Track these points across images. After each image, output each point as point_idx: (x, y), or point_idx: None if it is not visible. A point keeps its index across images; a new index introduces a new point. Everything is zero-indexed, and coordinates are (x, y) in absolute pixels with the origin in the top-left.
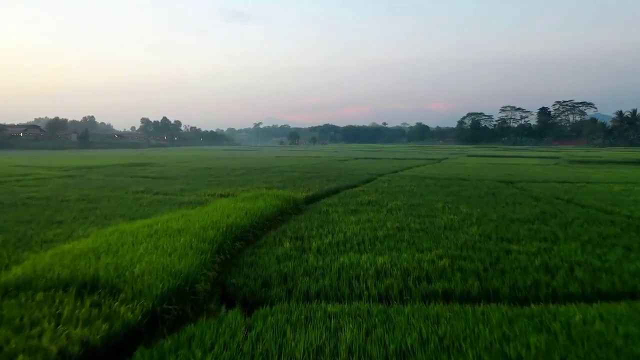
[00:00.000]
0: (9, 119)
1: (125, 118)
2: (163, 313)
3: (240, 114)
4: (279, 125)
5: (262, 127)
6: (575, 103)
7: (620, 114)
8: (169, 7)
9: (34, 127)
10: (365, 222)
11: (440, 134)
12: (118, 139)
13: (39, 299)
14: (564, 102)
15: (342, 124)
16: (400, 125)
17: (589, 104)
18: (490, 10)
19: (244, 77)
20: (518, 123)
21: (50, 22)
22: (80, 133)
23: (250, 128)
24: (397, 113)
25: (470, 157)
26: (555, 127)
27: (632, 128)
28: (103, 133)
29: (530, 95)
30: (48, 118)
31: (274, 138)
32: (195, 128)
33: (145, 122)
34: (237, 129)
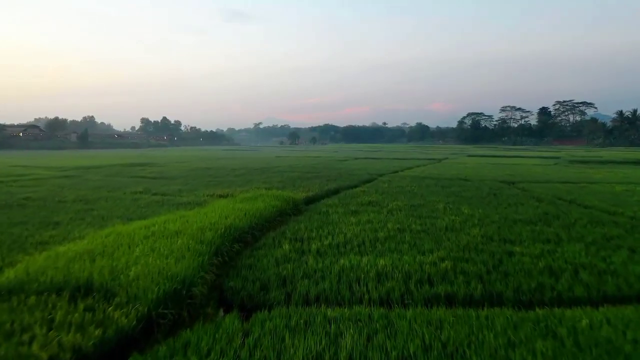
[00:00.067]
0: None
1: (125, 118)
2: (158, 318)
3: (240, 114)
4: (279, 125)
5: (262, 127)
6: (576, 103)
7: (621, 114)
8: (169, 7)
9: (34, 127)
10: (366, 223)
11: (440, 134)
12: (118, 139)
13: (32, 303)
14: (564, 102)
15: (342, 124)
16: (400, 125)
17: (589, 104)
18: (490, 10)
19: (244, 77)
20: (518, 123)
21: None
22: (80, 133)
23: (250, 128)
24: (397, 113)
25: (471, 157)
26: (556, 127)
27: (632, 128)
28: (103, 133)
29: (531, 95)
30: (48, 118)
31: (274, 138)
32: (195, 128)
33: (145, 122)
34: (237, 129)
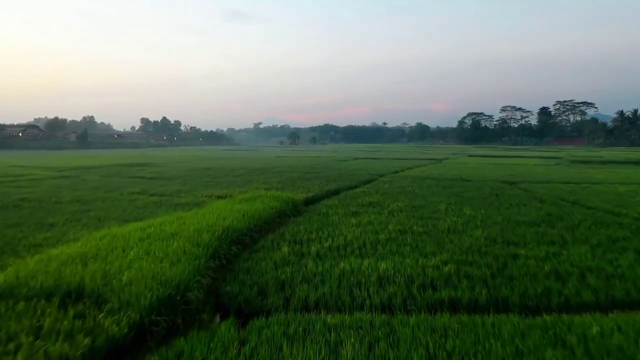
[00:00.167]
0: (9, 119)
1: (125, 118)
2: (151, 325)
3: (240, 114)
4: (279, 125)
5: (262, 127)
6: (576, 103)
7: (622, 114)
8: (169, 7)
9: (33, 127)
10: (367, 224)
11: (441, 134)
12: (117, 139)
13: (20, 310)
14: (565, 102)
15: (342, 124)
16: (400, 125)
17: (590, 104)
18: (490, 10)
19: (244, 77)
20: (518, 123)
21: (50, 22)
22: (79, 133)
23: (250, 128)
24: (397, 113)
25: (471, 157)
26: (556, 127)
27: (633, 128)
28: (102, 133)
29: (531, 95)
30: (48, 118)
31: (274, 138)
32: (195, 128)
33: (145, 122)
34: (237, 129)
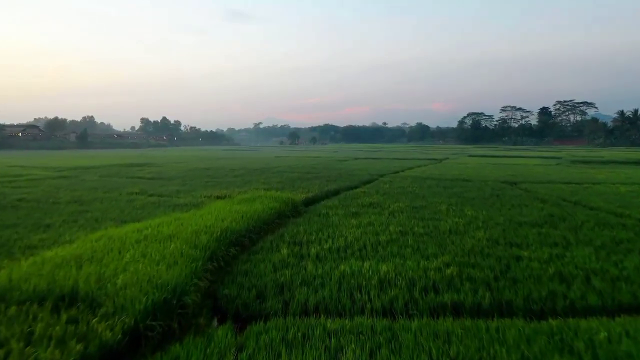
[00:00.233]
0: (9, 119)
1: (125, 118)
2: (146, 330)
3: (240, 114)
4: (279, 125)
5: (262, 127)
6: (576, 103)
7: (622, 114)
8: (169, 7)
9: (33, 127)
10: (367, 225)
11: (441, 134)
12: (117, 139)
13: (11, 314)
14: (565, 102)
15: (342, 124)
16: (400, 125)
17: (590, 104)
18: (490, 10)
19: (244, 77)
20: (519, 123)
21: (50, 22)
22: (79, 133)
23: (250, 128)
24: (397, 113)
25: (471, 157)
26: (556, 127)
27: (633, 128)
28: (102, 133)
29: (531, 95)
30: (47, 118)
31: (274, 138)
32: (195, 128)
33: (145, 122)
34: (237, 129)
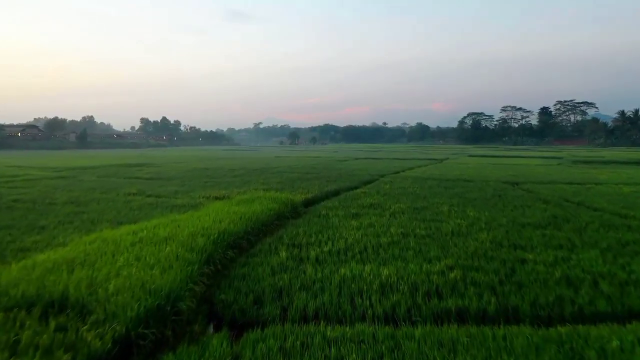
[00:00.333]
0: (9, 119)
1: (125, 118)
2: (138, 338)
3: (240, 114)
4: (279, 125)
5: (262, 127)
6: (577, 103)
7: (623, 114)
8: (169, 7)
9: (32, 127)
10: (368, 227)
11: (441, 134)
12: (117, 139)
13: None
14: (565, 101)
15: (342, 124)
16: (401, 125)
17: (590, 104)
18: (490, 10)
19: (244, 77)
20: (519, 123)
21: (50, 22)
22: (79, 133)
23: (250, 128)
24: (397, 113)
25: (472, 157)
26: (557, 127)
27: (634, 128)
28: (102, 133)
29: (531, 95)
30: (47, 118)
31: (274, 138)
32: (195, 128)
33: (145, 122)
34: (237, 129)
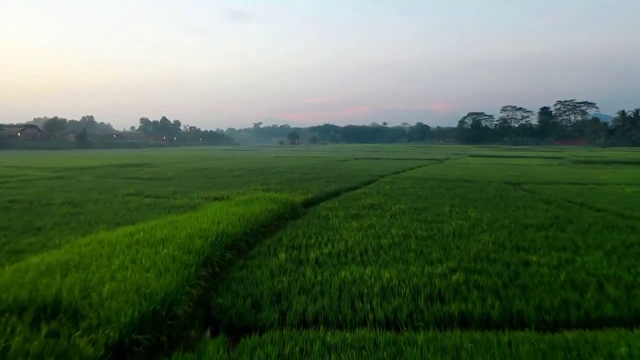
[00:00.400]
0: (9, 119)
1: (125, 118)
2: (132, 345)
3: (240, 114)
4: (279, 125)
5: (262, 127)
6: (577, 103)
7: (623, 114)
8: (169, 7)
9: (32, 127)
10: (368, 228)
11: (441, 134)
12: (117, 139)
13: None
14: (565, 101)
15: (342, 124)
16: (401, 125)
17: (591, 104)
18: (490, 10)
19: (244, 77)
20: (519, 123)
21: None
22: (78, 133)
23: (250, 128)
24: (397, 113)
25: (472, 157)
26: (557, 127)
27: (634, 128)
28: (102, 133)
29: (531, 95)
30: (47, 118)
31: (274, 138)
32: (195, 128)
33: (145, 122)
34: (237, 129)
